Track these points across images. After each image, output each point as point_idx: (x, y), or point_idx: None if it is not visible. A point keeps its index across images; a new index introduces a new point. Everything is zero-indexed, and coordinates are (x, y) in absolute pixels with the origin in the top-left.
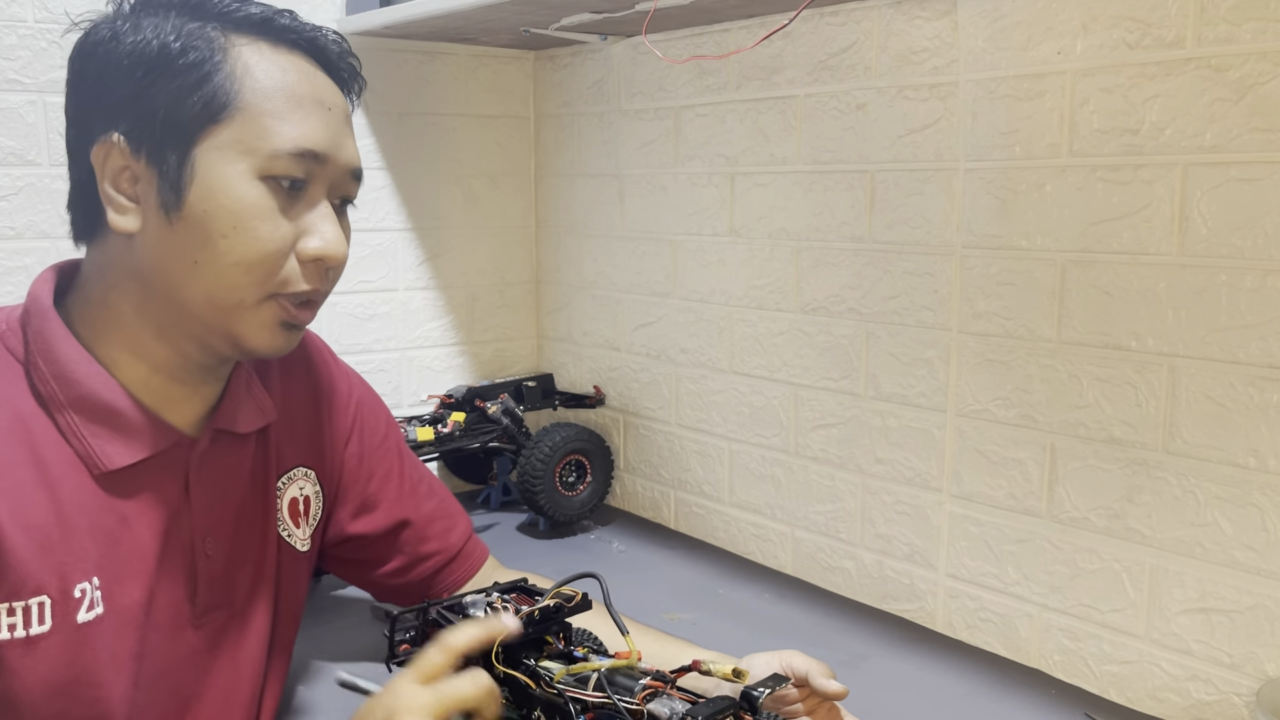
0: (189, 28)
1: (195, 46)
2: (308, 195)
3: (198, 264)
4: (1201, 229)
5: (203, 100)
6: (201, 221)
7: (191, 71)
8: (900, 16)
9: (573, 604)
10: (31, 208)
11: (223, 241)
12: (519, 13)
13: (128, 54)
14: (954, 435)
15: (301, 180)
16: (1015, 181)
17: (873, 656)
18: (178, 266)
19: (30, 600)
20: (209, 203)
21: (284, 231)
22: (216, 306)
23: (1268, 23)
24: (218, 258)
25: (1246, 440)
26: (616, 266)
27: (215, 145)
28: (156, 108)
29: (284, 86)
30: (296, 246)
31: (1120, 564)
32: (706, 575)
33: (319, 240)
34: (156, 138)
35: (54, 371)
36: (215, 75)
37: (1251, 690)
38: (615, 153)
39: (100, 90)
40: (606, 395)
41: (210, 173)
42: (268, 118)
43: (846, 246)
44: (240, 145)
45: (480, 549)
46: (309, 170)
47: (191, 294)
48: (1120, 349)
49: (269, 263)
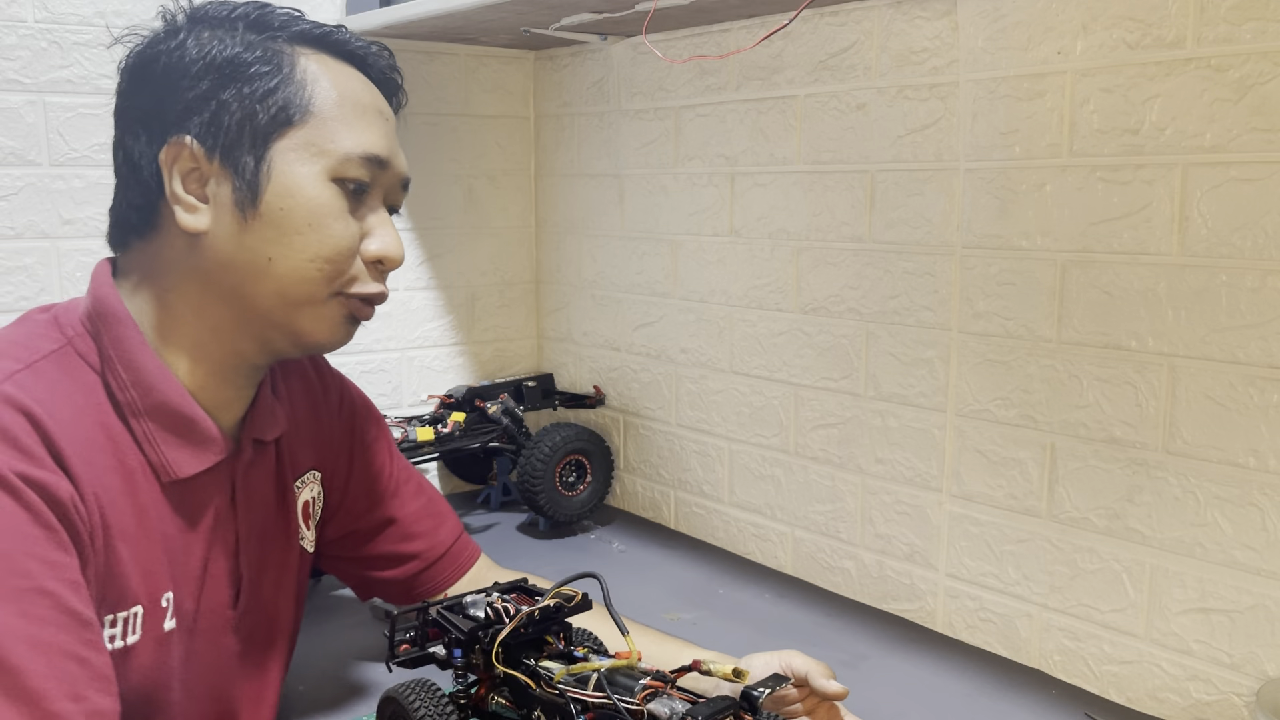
0: (258, 39)
1: (266, 56)
2: (368, 200)
3: (272, 260)
4: (1201, 229)
5: (277, 105)
6: (278, 219)
7: (264, 78)
8: (900, 16)
9: (573, 604)
10: (31, 208)
11: (298, 238)
12: (519, 13)
13: (196, 61)
14: (954, 435)
15: (366, 184)
16: (1015, 181)
17: (873, 656)
18: (251, 263)
19: (129, 611)
20: (286, 201)
21: (352, 230)
22: (287, 302)
23: (1268, 23)
24: (293, 253)
25: (1246, 440)
26: (616, 266)
27: (290, 147)
28: (229, 112)
29: (350, 95)
30: (360, 247)
31: (1120, 564)
32: (706, 575)
33: (379, 242)
34: (231, 140)
35: (133, 379)
36: (287, 82)
37: (1251, 690)
38: (615, 153)
39: (165, 95)
40: (606, 395)
41: (286, 173)
42: (337, 123)
43: (846, 246)
44: (313, 148)
45: (470, 550)
46: (373, 175)
47: (262, 290)
48: (1120, 349)
49: (340, 259)
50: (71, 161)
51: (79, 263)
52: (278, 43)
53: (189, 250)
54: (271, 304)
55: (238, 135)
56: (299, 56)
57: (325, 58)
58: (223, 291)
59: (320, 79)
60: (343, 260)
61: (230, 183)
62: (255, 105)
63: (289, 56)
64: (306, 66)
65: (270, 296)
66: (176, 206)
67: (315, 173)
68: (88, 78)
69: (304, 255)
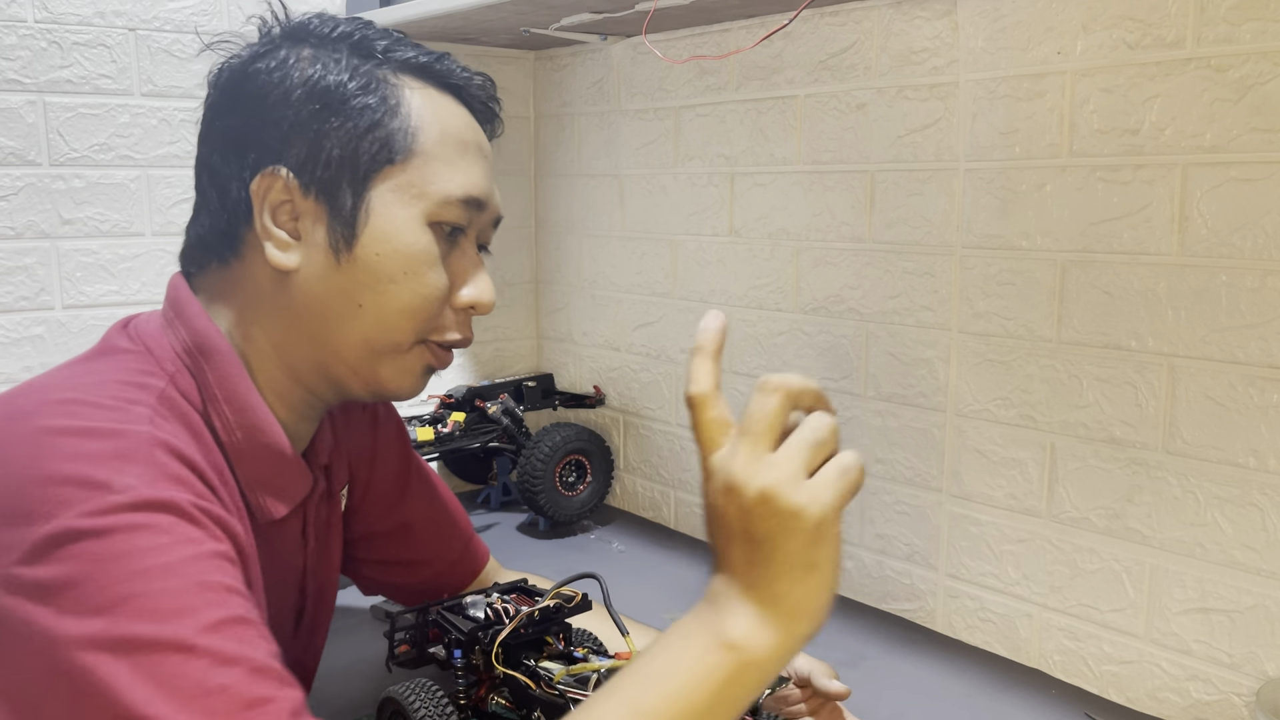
0: (363, 67)
1: (370, 86)
2: (462, 242)
3: (362, 307)
4: (1201, 229)
5: (380, 141)
6: (373, 265)
7: (369, 111)
8: (900, 16)
9: (573, 604)
10: (31, 208)
11: (391, 286)
12: (519, 13)
13: (297, 85)
14: (954, 435)
15: (463, 228)
16: (1015, 181)
17: (873, 656)
18: (340, 308)
19: None
20: (383, 246)
21: (444, 279)
22: (370, 350)
23: (1268, 23)
24: (384, 302)
25: (1246, 440)
26: (616, 266)
27: (390, 188)
28: (329, 145)
29: (453, 133)
30: (454, 297)
31: (1120, 564)
32: (706, 575)
33: (474, 290)
34: (330, 176)
35: (240, 420)
36: (392, 117)
37: (1251, 690)
38: (615, 153)
39: (261, 119)
40: (606, 395)
41: (385, 215)
42: (439, 163)
43: (846, 246)
44: (414, 189)
45: (481, 552)
46: (470, 217)
47: (348, 336)
48: (1120, 349)
49: (430, 309)
50: (71, 161)
51: (79, 263)
52: (382, 70)
53: (275, 285)
54: (356, 351)
55: (337, 171)
56: (404, 89)
57: (429, 89)
58: (306, 332)
59: (424, 114)
60: (432, 310)
61: (325, 221)
62: (358, 141)
63: (394, 88)
64: (411, 100)
65: (356, 344)
66: (267, 242)
67: (413, 216)
68: (88, 78)
69: (395, 304)
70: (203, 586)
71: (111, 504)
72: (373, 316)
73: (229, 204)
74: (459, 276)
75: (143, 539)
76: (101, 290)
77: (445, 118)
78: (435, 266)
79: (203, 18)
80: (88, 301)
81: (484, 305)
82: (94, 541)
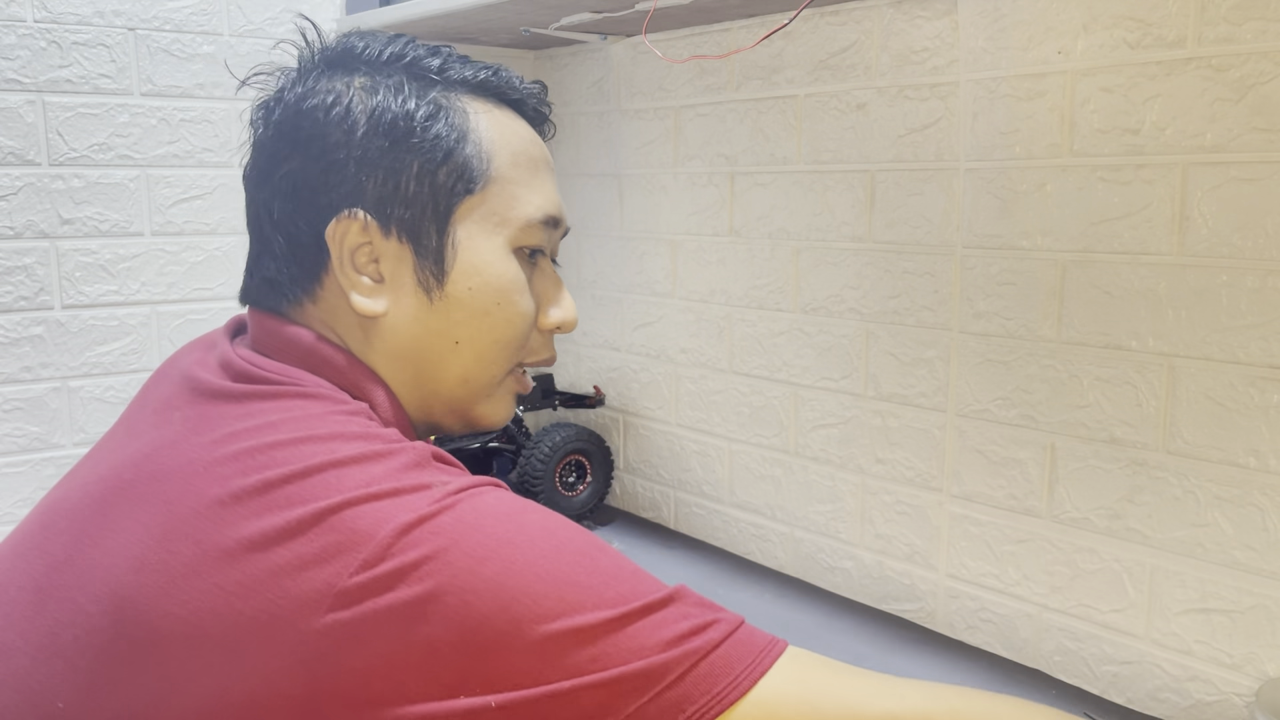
0: (427, 93)
1: (437, 112)
2: (541, 262)
3: (459, 344)
4: (1202, 229)
5: (456, 172)
6: (466, 300)
7: (442, 142)
8: (900, 16)
9: None
10: (31, 207)
11: (486, 319)
12: (519, 13)
13: (364, 122)
14: (954, 435)
15: (544, 250)
16: (1015, 181)
17: (873, 656)
18: (437, 347)
19: None
20: (474, 279)
21: (533, 304)
22: (469, 387)
23: (1268, 23)
24: (481, 335)
25: (1247, 440)
26: (616, 266)
27: (472, 219)
28: (405, 181)
29: (523, 152)
30: (541, 319)
31: (1120, 564)
32: (706, 575)
33: (561, 311)
34: (411, 214)
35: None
36: (465, 144)
37: (1251, 690)
38: (615, 153)
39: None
40: (606, 395)
41: (471, 248)
42: (516, 186)
43: (846, 246)
44: (496, 217)
45: None
46: (549, 237)
47: (446, 375)
48: (1120, 349)
49: (524, 336)
50: (71, 161)
51: (78, 263)
52: (444, 93)
53: (364, 330)
54: (455, 390)
55: (417, 208)
56: (470, 112)
57: (491, 107)
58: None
59: (494, 137)
60: (525, 337)
61: (411, 261)
62: (434, 173)
63: (461, 113)
64: (479, 123)
65: (454, 383)
66: (352, 291)
67: (499, 245)
68: (87, 77)
69: (491, 337)
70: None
71: (442, 493)
72: (470, 352)
73: (300, 250)
74: (543, 297)
75: (491, 498)
76: (101, 290)
77: (512, 138)
78: (525, 293)
79: (203, 18)
80: (87, 301)
81: (569, 324)
82: (446, 515)
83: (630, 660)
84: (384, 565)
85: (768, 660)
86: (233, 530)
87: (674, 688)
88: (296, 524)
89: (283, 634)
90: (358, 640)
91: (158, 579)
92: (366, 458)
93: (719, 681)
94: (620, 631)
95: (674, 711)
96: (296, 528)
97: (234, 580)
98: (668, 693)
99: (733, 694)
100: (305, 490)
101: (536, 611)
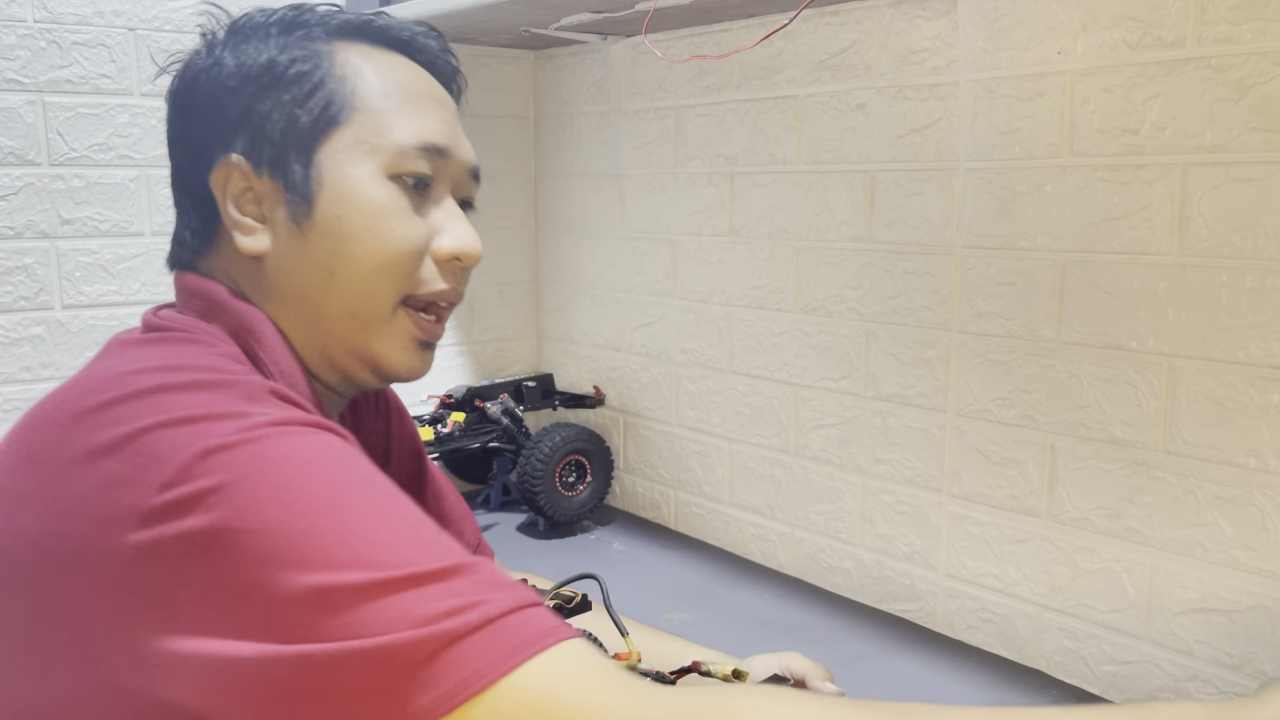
0: (293, 40)
1: (301, 56)
2: (434, 194)
3: (335, 274)
4: (1202, 229)
5: (319, 105)
6: (335, 228)
7: (303, 80)
8: (900, 16)
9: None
10: (31, 207)
11: (359, 246)
12: (519, 13)
13: (233, 75)
14: (954, 435)
15: (428, 177)
16: (1015, 181)
17: (873, 656)
18: (314, 279)
19: None
20: (341, 207)
21: (418, 230)
22: (358, 321)
23: (1268, 23)
24: (355, 264)
25: (1246, 440)
26: (616, 266)
27: (338, 149)
28: (272, 122)
29: (398, 83)
30: (430, 247)
31: (1120, 564)
32: (706, 575)
33: (452, 238)
34: (277, 151)
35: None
36: (327, 80)
37: (1251, 690)
38: (615, 153)
39: (209, 116)
40: (606, 395)
41: (337, 176)
42: (387, 115)
43: (846, 246)
44: (364, 145)
45: (486, 552)
46: (435, 167)
47: (332, 308)
48: (1120, 349)
49: (406, 263)
50: (71, 161)
51: (78, 263)
52: (315, 41)
53: (256, 273)
54: (344, 325)
55: (283, 145)
56: (338, 51)
57: (368, 48)
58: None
59: (362, 70)
60: (408, 264)
61: (283, 196)
62: (296, 110)
63: (327, 53)
64: (347, 60)
65: (341, 316)
66: (236, 231)
67: (369, 171)
68: (87, 78)
69: (367, 264)
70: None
71: (254, 423)
72: (347, 282)
73: (197, 205)
74: (436, 229)
75: (294, 440)
76: (101, 290)
77: (386, 70)
78: (402, 219)
79: (203, 17)
80: (87, 301)
81: (469, 254)
82: (245, 449)
83: (380, 632)
84: (179, 490)
85: (526, 653)
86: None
87: (420, 669)
88: (114, 443)
89: (97, 551)
90: (157, 563)
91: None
92: (198, 385)
93: (464, 669)
94: (378, 600)
95: (415, 694)
96: (113, 447)
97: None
98: (411, 674)
99: (476, 685)
100: (128, 412)
101: (298, 563)
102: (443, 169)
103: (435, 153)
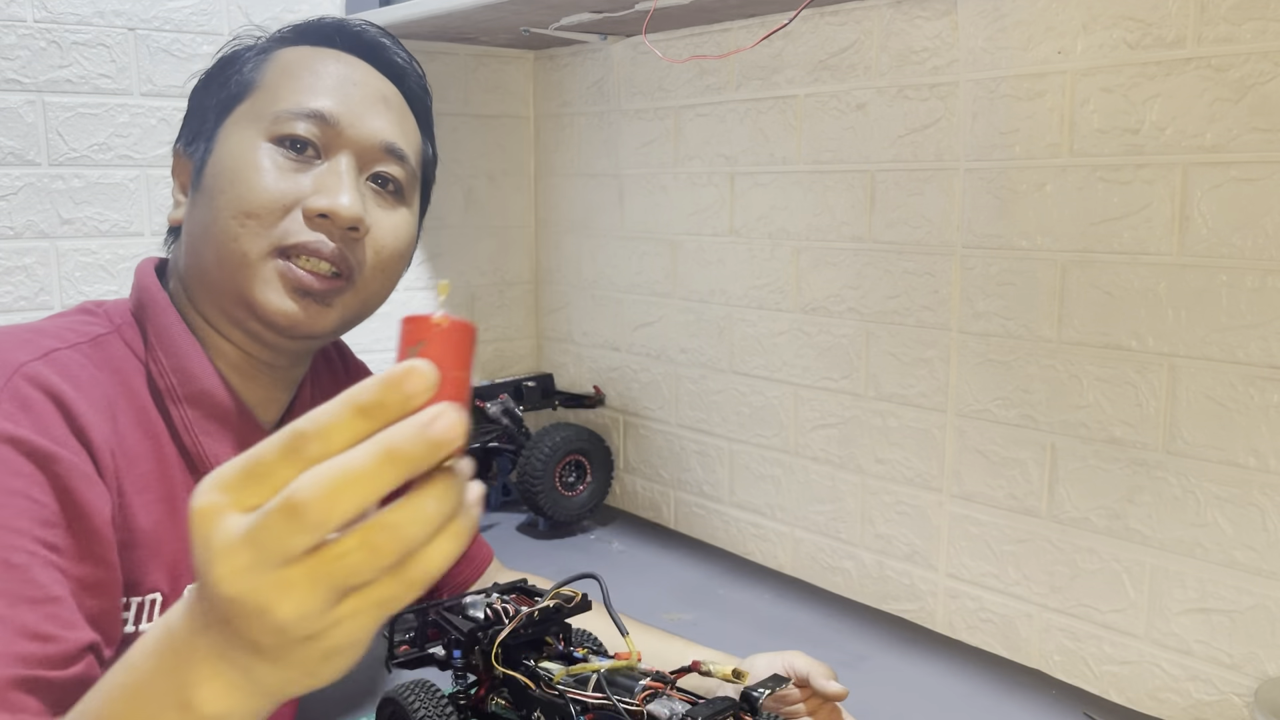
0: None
1: (238, 54)
2: (325, 158)
3: (208, 227)
4: (1202, 229)
5: (229, 89)
6: (210, 186)
7: (226, 71)
8: (900, 16)
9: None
10: (31, 207)
11: (222, 197)
12: (519, 13)
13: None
14: (954, 435)
15: (307, 140)
16: (1015, 181)
17: (873, 657)
18: (198, 234)
19: (145, 596)
20: (217, 167)
21: (284, 185)
22: (224, 265)
23: (1268, 23)
24: (219, 213)
25: (1247, 440)
26: (616, 266)
27: (235, 122)
28: (198, 110)
29: (304, 63)
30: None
31: (1120, 564)
32: (706, 575)
33: (323, 197)
34: (194, 133)
35: (173, 365)
36: (244, 68)
37: (1251, 690)
38: (615, 152)
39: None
40: (606, 395)
41: (225, 145)
42: (280, 89)
43: (846, 246)
44: (253, 115)
45: (485, 551)
46: (323, 134)
47: (208, 257)
48: (1120, 349)
49: (266, 213)
50: (71, 161)
51: (78, 263)
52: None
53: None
54: (217, 274)
55: (200, 127)
56: (275, 49)
57: (304, 48)
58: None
59: (281, 58)
60: (271, 214)
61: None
62: (217, 94)
63: (262, 49)
64: (278, 56)
65: (214, 266)
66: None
67: (250, 137)
68: (87, 78)
69: (226, 212)
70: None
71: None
72: (214, 230)
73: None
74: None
75: None
76: (101, 290)
77: (300, 58)
78: (267, 173)
79: (203, 17)
80: None
81: (335, 212)
82: None
83: None
84: None
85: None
86: None
87: None
88: None
89: None
90: None
91: None
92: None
93: None
94: None
95: None
96: None
97: None
98: None
99: None
100: None
101: None
102: (334, 139)
103: (318, 118)
